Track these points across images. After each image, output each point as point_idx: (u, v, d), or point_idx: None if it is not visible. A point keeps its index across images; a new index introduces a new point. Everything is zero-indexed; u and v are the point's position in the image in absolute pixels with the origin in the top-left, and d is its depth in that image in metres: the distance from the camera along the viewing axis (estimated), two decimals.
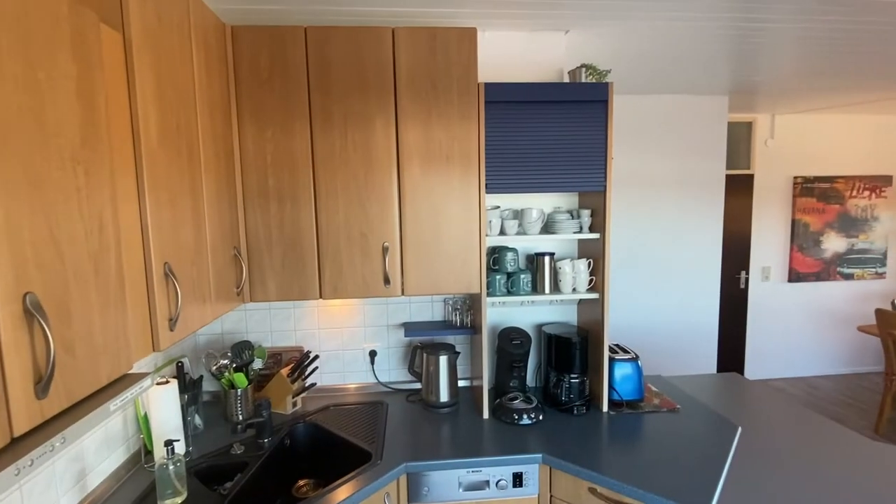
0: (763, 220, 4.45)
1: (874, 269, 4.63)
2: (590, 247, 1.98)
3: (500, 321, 2.15)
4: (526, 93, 1.75)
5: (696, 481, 1.41)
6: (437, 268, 1.78)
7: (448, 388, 1.95)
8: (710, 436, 1.69)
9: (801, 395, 4.26)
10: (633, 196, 3.67)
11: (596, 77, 1.88)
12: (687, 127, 3.64)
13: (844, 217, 4.54)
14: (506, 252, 1.93)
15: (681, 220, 3.71)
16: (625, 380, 1.94)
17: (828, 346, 4.68)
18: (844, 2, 1.85)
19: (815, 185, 4.46)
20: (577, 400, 1.90)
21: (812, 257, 4.54)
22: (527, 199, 2.09)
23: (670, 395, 2.05)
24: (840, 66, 2.82)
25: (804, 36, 2.27)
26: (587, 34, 2.16)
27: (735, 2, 1.84)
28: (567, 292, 1.92)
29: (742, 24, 2.11)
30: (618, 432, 1.74)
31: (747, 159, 4.39)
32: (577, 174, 1.80)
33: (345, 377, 2.17)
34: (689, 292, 3.77)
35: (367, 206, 1.72)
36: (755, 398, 2.08)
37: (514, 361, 1.96)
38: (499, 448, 1.64)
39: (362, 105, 1.68)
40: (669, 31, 2.18)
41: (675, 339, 3.80)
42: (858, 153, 4.51)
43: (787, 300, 4.57)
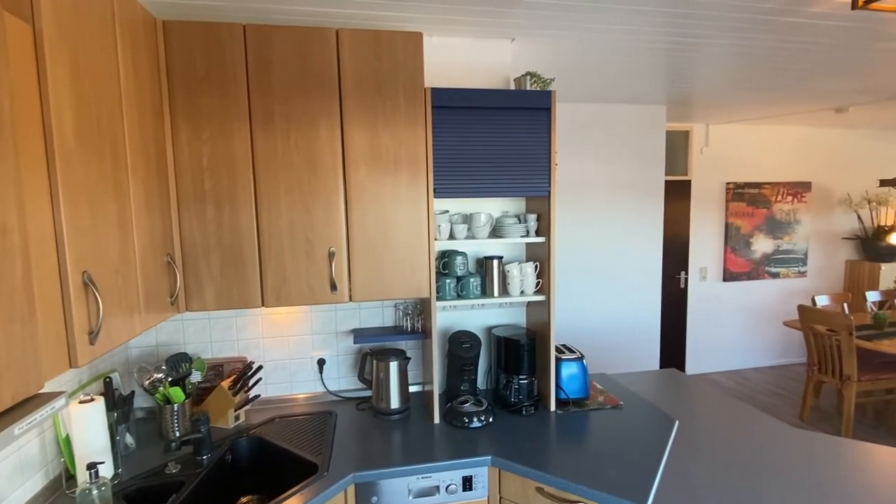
0: (700, 224, 4.72)
1: (797, 269, 5.03)
2: (537, 250, 2.02)
3: (451, 325, 2.16)
4: (472, 99, 1.77)
5: (636, 475, 1.46)
6: (386, 273, 1.76)
7: (399, 394, 1.93)
8: (650, 430, 1.76)
9: (735, 386, 4.55)
10: (579, 201, 3.79)
11: (540, 85, 1.93)
12: (628, 135, 3.81)
13: (771, 220, 4.90)
14: (455, 256, 1.94)
15: (624, 224, 3.87)
16: (571, 379, 2.00)
17: (758, 341, 5.03)
18: (765, 21, 2.00)
19: (745, 190, 4.79)
20: (525, 401, 1.93)
21: (743, 258, 4.87)
22: (476, 204, 2.11)
23: (614, 392, 2.13)
24: (764, 81, 3.05)
25: (731, 52, 2.44)
26: (532, 43, 2.22)
27: (669, 17, 1.95)
28: (515, 295, 1.95)
29: (677, 39, 2.23)
30: (564, 431, 1.78)
31: (685, 166, 4.65)
32: (522, 179, 1.84)
33: (292, 387, 2.10)
34: (633, 292, 3.94)
35: (312, 210, 1.68)
36: (691, 392, 2.19)
37: (465, 365, 1.97)
38: (449, 452, 1.64)
39: (306, 107, 1.64)
40: (610, 43, 2.27)
41: (620, 338, 3.96)
42: (782, 161, 4.88)
43: (722, 298, 4.87)
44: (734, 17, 1.96)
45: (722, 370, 4.98)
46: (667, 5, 1.82)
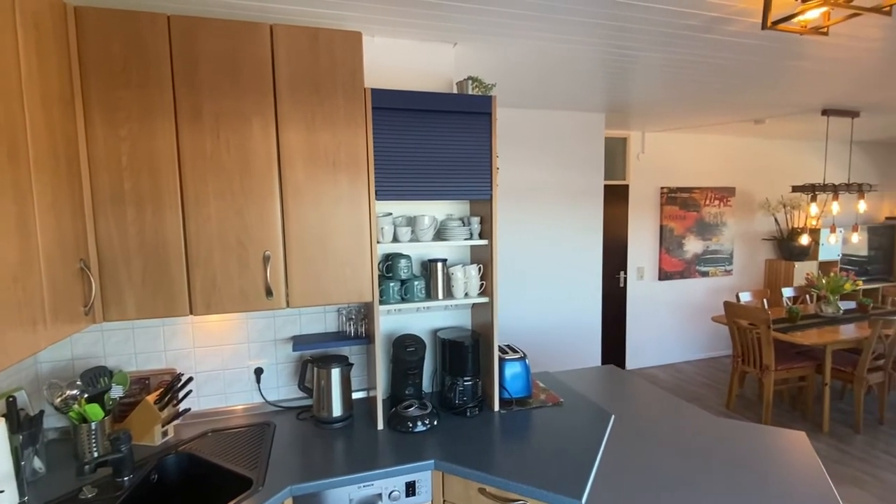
0: (637, 226, 4.97)
1: (724, 267, 5.41)
2: (480, 253, 2.04)
3: (396, 328, 2.13)
4: (414, 101, 1.76)
5: (573, 470, 1.50)
6: (326, 277, 1.71)
7: (341, 401, 1.88)
8: (588, 425, 1.83)
9: (670, 379, 4.82)
10: (523, 204, 3.88)
11: (482, 90, 1.96)
12: (569, 141, 3.95)
13: (701, 223, 5.24)
14: (399, 259, 1.92)
15: (566, 227, 4.00)
16: (514, 378, 2.03)
17: (690, 335, 5.36)
18: (688, 37, 2.13)
19: (677, 194, 5.09)
20: (470, 402, 1.94)
21: (677, 258, 5.18)
22: (420, 207, 2.10)
23: (555, 390, 2.19)
24: (691, 93, 3.25)
25: (661, 65, 2.58)
26: (475, 48, 2.25)
27: (606, 29, 2.03)
28: (460, 297, 1.96)
29: (613, 51, 2.33)
30: (507, 430, 1.81)
31: (623, 171, 4.88)
32: (464, 182, 1.85)
33: (227, 399, 1.99)
34: (575, 292, 4.08)
35: (245, 213, 1.60)
36: (627, 387, 2.29)
37: (410, 368, 1.95)
38: (393, 458, 1.61)
39: (237, 104, 1.56)
40: (551, 52, 2.34)
41: (563, 337, 4.09)
42: (710, 168, 5.24)
43: (658, 296, 5.15)
44: (662, 32, 2.07)
45: (659, 364, 5.26)
46: (603, 17, 1.89)
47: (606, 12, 1.85)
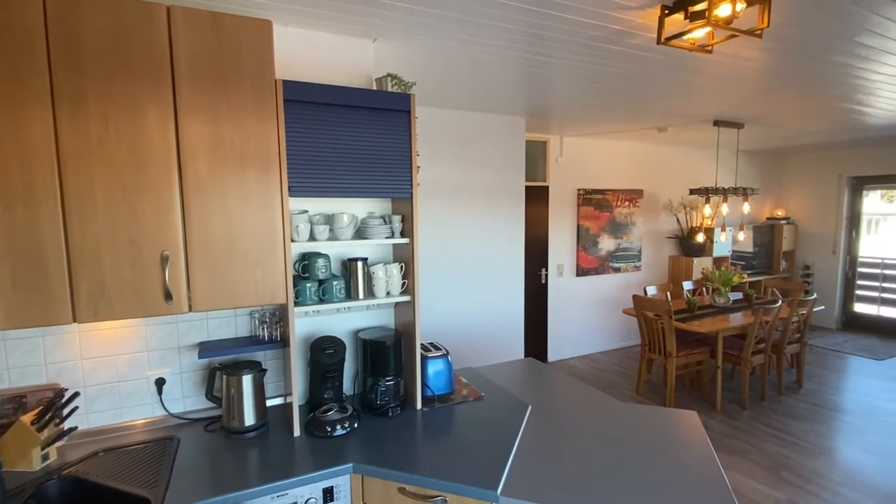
0: (557, 225, 5.23)
1: (634, 264, 5.84)
2: (402, 251, 2.03)
3: (315, 331, 2.06)
4: (330, 95, 1.71)
5: (490, 461, 1.54)
6: (234, 278, 1.61)
7: (254, 409, 1.79)
8: (506, 417, 1.89)
9: (588, 369, 5.13)
10: (448, 203, 3.93)
11: (401, 87, 1.95)
12: (492, 143, 4.06)
13: (613, 222, 5.62)
14: (316, 258, 1.86)
15: (489, 226, 4.11)
16: (437, 376, 2.05)
17: (605, 327, 5.73)
18: (596, 48, 2.27)
19: (592, 196, 5.43)
20: (392, 402, 1.93)
21: (592, 255, 5.51)
22: (339, 204, 2.04)
23: (478, 385, 2.23)
24: (602, 100, 3.48)
25: (576, 73, 2.73)
26: (395, 45, 2.23)
27: (521, 35, 2.10)
28: (381, 297, 1.94)
29: (531, 57, 2.43)
30: (429, 427, 1.82)
31: (543, 173, 5.11)
32: (384, 180, 1.83)
33: (123, 414, 1.81)
34: (499, 289, 4.20)
35: (139, 209, 1.46)
36: (545, 378, 2.40)
37: (328, 371, 1.90)
38: (310, 465, 1.56)
39: (129, 90, 1.42)
40: (471, 54, 2.38)
41: (487, 332, 4.20)
42: (621, 171, 5.63)
43: (576, 291, 5.45)
44: (573, 41, 2.19)
45: (578, 355, 5.57)
46: (520, 24, 1.96)
47: (522, 19, 1.92)
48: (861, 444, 3.45)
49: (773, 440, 3.52)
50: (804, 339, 4.50)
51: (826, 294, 6.63)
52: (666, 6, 1.74)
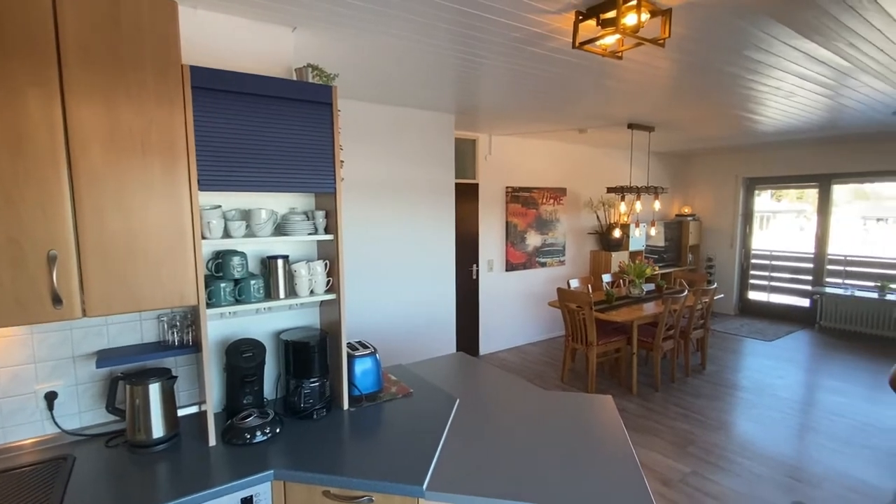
0: (487, 222, 5.35)
1: (559, 258, 6.13)
2: (327, 248, 1.97)
3: (232, 333, 1.95)
4: (244, 83, 1.62)
5: (417, 457, 1.55)
6: (136, 279, 1.48)
7: (163, 420, 1.65)
8: (434, 412, 1.90)
9: (517, 360, 5.31)
10: (378, 199, 3.88)
11: (323, 79, 1.89)
12: (422, 139, 4.06)
13: (539, 219, 5.85)
14: (231, 257, 1.75)
15: (420, 222, 4.12)
16: (365, 374, 2.02)
17: (534, 320, 5.96)
18: (517, 49, 2.35)
19: (520, 194, 5.61)
20: (317, 404, 1.87)
21: (520, 251, 5.71)
22: (257, 199, 1.94)
23: (407, 381, 2.23)
24: (525, 101, 3.60)
25: (499, 73, 2.80)
26: (316, 35, 2.16)
27: (446, 32, 2.11)
28: (304, 296, 1.87)
29: (458, 55, 2.45)
30: (356, 427, 1.78)
31: (473, 170, 5.20)
32: (306, 175, 1.77)
33: (5, 434, 1.60)
34: (430, 285, 4.23)
35: (20, 204, 1.30)
36: (474, 371, 2.45)
37: (247, 376, 1.80)
38: (226, 475, 1.47)
39: (3, 71, 1.25)
40: (397, 49, 2.36)
41: (419, 328, 4.21)
42: (546, 170, 5.88)
43: (506, 286, 5.61)
44: (495, 42, 2.25)
45: (508, 347, 5.75)
46: (444, 21, 1.97)
47: (445, 16, 1.93)
48: (753, 416, 3.88)
49: (681, 418, 3.85)
50: (707, 324, 4.97)
51: (725, 283, 7.37)
52: (580, 12, 1.84)
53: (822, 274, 6.52)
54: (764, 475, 3.02)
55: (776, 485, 2.92)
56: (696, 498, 2.79)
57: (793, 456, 3.26)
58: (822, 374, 4.86)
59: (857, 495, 2.81)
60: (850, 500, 2.77)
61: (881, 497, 2.80)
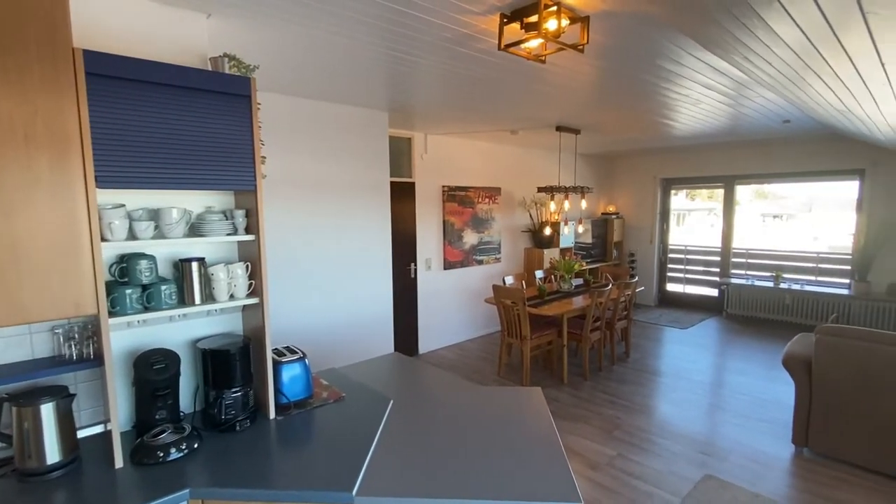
0: (424, 221, 5.35)
1: (495, 256, 6.26)
2: (248, 249, 1.87)
3: (142, 344, 1.79)
4: (147, 71, 1.49)
5: (347, 462, 1.51)
6: (19, 287, 1.31)
7: (59, 443, 1.48)
8: (367, 415, 1.86)
9: (456, 357, 5.36)
10: (310, 197, 3.75)
11: (241, 70, 1.78)
12: (356, 136, 3.98)
13: (475, 218, 5.95)
14: (138, 260, 1.61)
15: (355, 222, 4.03)
16: (293, 381, 1.94)
17: (472, 317, 6.05)
18: (446, 49, 2.36)
19: (456, 193, 5.67)
20: (240, 414, 1.76)
21: (458, 249, 5.77)
22: (168, 197, 1.80)
23: (339, 385, 2.17)
24: (458, 101, 3.63)
25: (431, 71, 2.79)
26: (234, 24, 2.04)
27: (374, 28, 2.07)
28: (224, 300, 1.76)
29: (390, 53, 2.41)
30: (284, 437, 1.71)
31: (409, 169, 5.18)
32: (222, 171, 1.66)
33: None
34: (366, 285, 4.16)
35: None
36: (409, 371, 2.43)
37: (159, 389, 1.66)
38: (134, 499, 1.35)
39: None
40: (324, 43, 2.28)
41: (356, 330, 4.12)
42: (481, 170, 5.98)
43: (444, 284, 5.65)
44: (426, 41, 2.24)
45: (447, 345, 5.79)
46: (370, 17, 1.93)
47: (372, 12, 1.89)
48: (671, 399, 4.19)
49: (608, 405, 4.07)
50: (630, 315, 5.30)
51: (646, 277, 7.91)
52: (505, 15, 1.87)
53: (728, 266, 7.18)
54: (680, 453, 3.27)
55: (690, 461, 3.17)
56: (620, 479, 2.96)
57: (704, 433, 3.56)
58: (728, 357, 5.35)
59: (757, 464, 3.12)
60: (751, 469, 3.07)
61: (777, 463, 3.13)
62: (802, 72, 2.20)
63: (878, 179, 5.70)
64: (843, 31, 1.52)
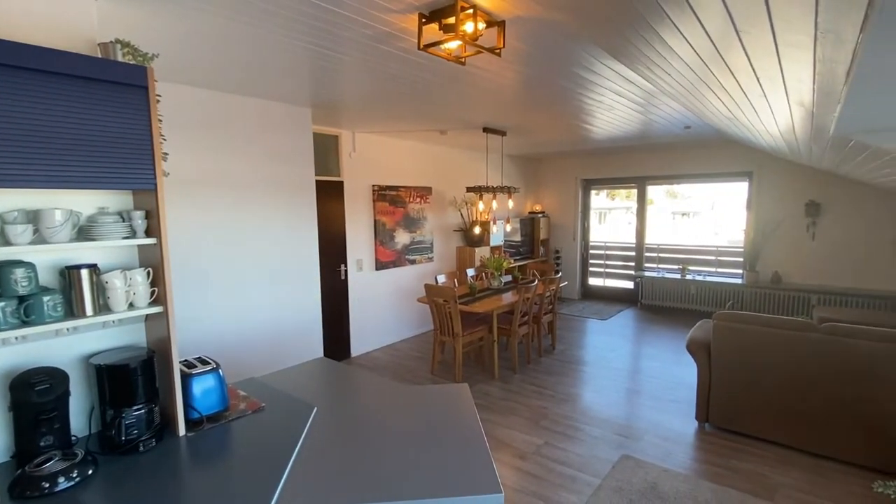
0: (354, 220, 5.24)
1: (427, 255, 6.28)
2: (150, 254, 1.72)
3: (21, 363, 1.58)
4: (18, 56, 1.32)
5: (264, 477, 1.43)
6: None
7: None
8: (288, 424, 1.79)
9: (389, 358, 5.31)
10: (228, 197, 3.54)
11: (137, 59, 1.63)
12: (277, 132, 3.81)
13: (407, 217, 5.93)
14: (12, 269, 1.42)
15: (277, 222, 3.86)
16: (206, 394, 1.81)
17: (405, 317, 6.03)
18: (368, 46, 2.32)
19: (387, 192, 5.61)
20: (143, 434, 1.62)
21: (390, 249, 5.72)
22: (51, 197, 1.60)
23: (259, 395, 2.06)
24: (384, 99, 3.59)
25: (353, 69, 2.73)
26: (127, 9, 1.86)
27: (295, 22, 1.98)
28: (121, 310, 1.61)
29: (310, 47, 2.32)
30: (195, 455, 1.59)
31: (337, 168, 5.05)
32: (115, 168, 1.51)
33: None
34: (293, 289, 4.00)
35: None
36: (336, 375, 2.37)
37: (43, 413, 1.48)
38: None
39: None
40: (239, 34, 2.15)
41: (282, 336, 3.95)
42: (412, 169, 5.97)
43: (376, 285, 5.58)
44: (347, 37, 2.19)
45: (380, 346, 5.72)
46: (285, 8, 1.85)
47: (288, 3, 1.81)
48: (594, 387, 4.45)
49: (536, 396, 4.24)
50: (555, 309, 5.55)
51: (570, 272, 8.33)
52: (423, 15, 1.88)
53: (643, 260, 7.75)
54: (600, 436, 3.48)
55: (609, 443, 3.38)
56: (547, 466, 3.10)
57: (622, 416, 3.81)
58: (643, 344, 5.78)
59: (668, 442, 3.39)
60: (662, 446, 3.33)
61: (684, 439, 3.43)
62: (697, 83, 2.42)
63: (763, 181, 6.43)
64: (725, 49, 1.69)
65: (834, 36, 1.14)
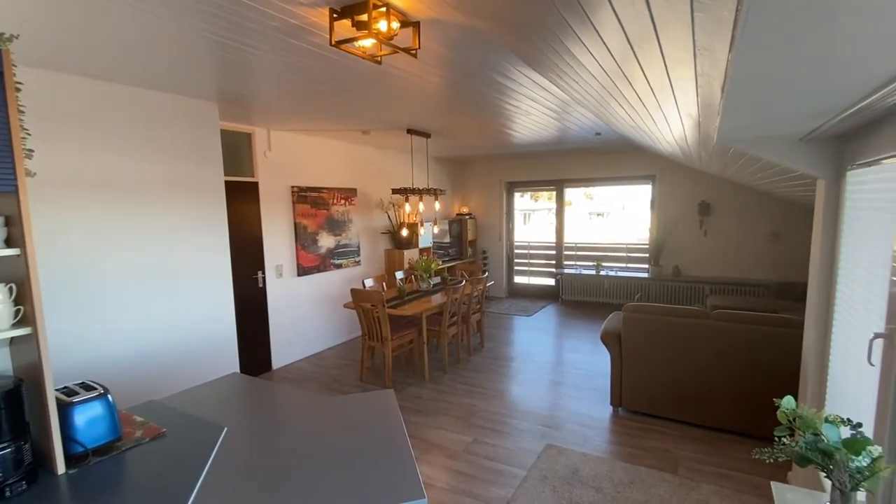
0: (271, 224, 4.96)
1: (354, 259, 6.12)
2: (13, 267, 1.48)
3: None
4: None
5: None
6: None
7: None
8: (193, 450, 1.63)
9: (314, 368, 5.10)
10: (123, 200, 3.18)
11: None
12: (180, 128, 3.49)
13: (331, 220, 5.73)
14: None
15: (182, 228, 3.54)
16: (91, 423, 1.60)
17: (331, 324, 5.82)
18: (278, 39, 2.19)
19: (308, 193, 5.38)
20: (10, 477, 1.39)
21: (313, 253, 5.49)
22: None
23: (159, 420, 1.86)
24: (298, 95, 3.43)
25: (263, 63, 2.57)
26: None
27: (190, 8, 1.81)
28: None
29: (213, 37, 2.14)
30: (78, 495, 1.39)
31: (251, 168, 4.75)
32: None
33: None
34: (201, 299, 3.69)
35: None
36: (251, 391, 2.21)
37: None
38: None
39: None
40: (130, 19, 1.93)
41: (192, 352, 3.64)
42: (335, 170, 5.78)
43: (298, 291, 5.32)
44: (254, 29, 2.05)
45: (305, 356, 5.47)
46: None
47: None
48: (520, 381, 4.58)
49: (466, 394, 4.27)
50: (483, 308, 5.65)
51: (497, 271, 8.55)
52: (334, 10, 1.80)
53: (562, 259, 8.15)
54: (526, 429, 3.58)
55: (534, 434, 3.49)
56: (476, 462, 3.12)
57: (546, 408, 3.96)
58: (564, 338, 6.07)
59: (586, 428, 3.57)
60: (582, 433, 3.50)
61: (600, 424, 3.63)
62: (602, 93, 2.56)
63: (664, 184, 7.03)
64: (623, 63, 1.79)
65: (709, 53, 1.25)
